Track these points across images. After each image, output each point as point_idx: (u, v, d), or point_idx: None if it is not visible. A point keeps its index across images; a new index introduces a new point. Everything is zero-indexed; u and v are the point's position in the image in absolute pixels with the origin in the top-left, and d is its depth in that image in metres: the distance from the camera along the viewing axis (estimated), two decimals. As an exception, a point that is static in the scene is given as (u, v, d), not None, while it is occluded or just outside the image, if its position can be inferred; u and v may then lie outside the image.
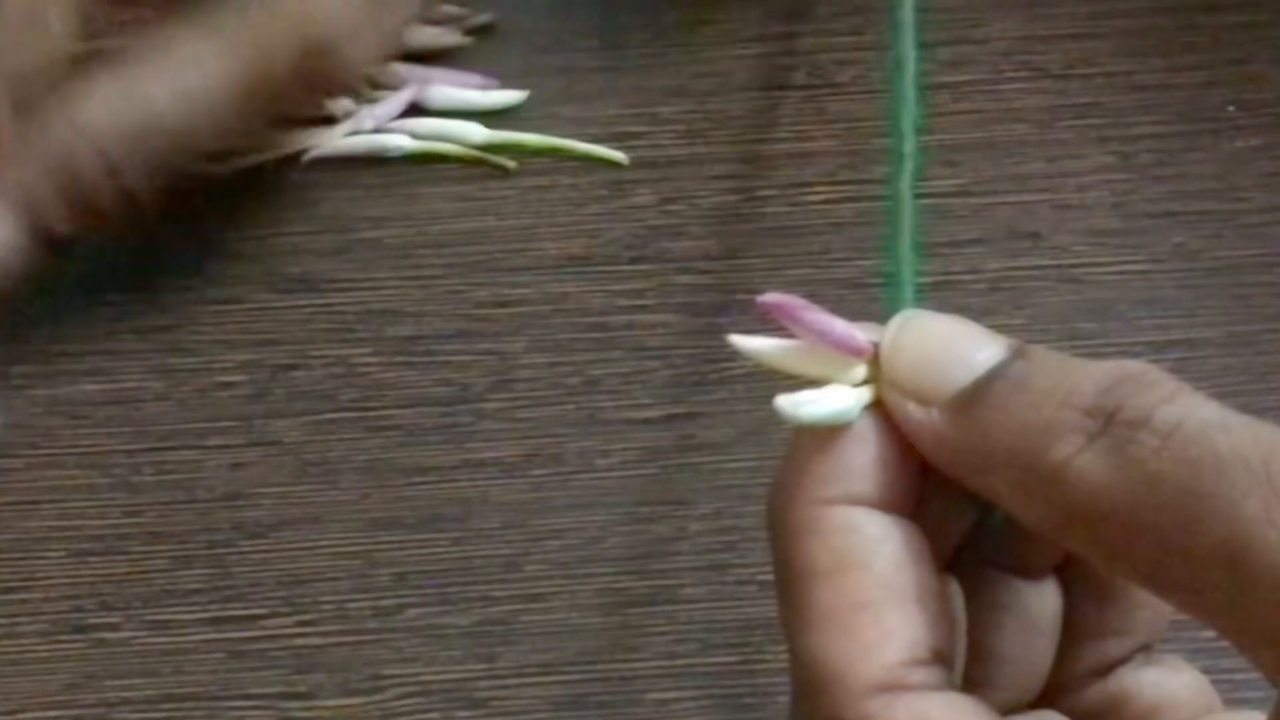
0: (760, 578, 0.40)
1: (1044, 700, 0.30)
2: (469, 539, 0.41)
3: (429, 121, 0.47)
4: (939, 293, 0.42)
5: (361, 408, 0.43)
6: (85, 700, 0.39)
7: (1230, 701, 0.30)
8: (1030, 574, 0.30)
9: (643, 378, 0.43)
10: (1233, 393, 0.41)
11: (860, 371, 0.28)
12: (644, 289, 0.44)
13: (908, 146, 0.31)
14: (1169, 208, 0.46)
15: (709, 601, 0.40)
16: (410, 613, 0.40)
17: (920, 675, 0.26)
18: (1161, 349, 0.43)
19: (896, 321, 0.28)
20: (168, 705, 0.39)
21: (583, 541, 0.41)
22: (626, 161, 0.46)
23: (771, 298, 0.28)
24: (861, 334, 0.28)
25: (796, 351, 0.29)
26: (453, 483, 0.42)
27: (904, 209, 0.31)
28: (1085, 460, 0.25)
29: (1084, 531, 0.25)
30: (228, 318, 0.44)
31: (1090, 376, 0.26)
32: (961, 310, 0.28)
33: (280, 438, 0.42)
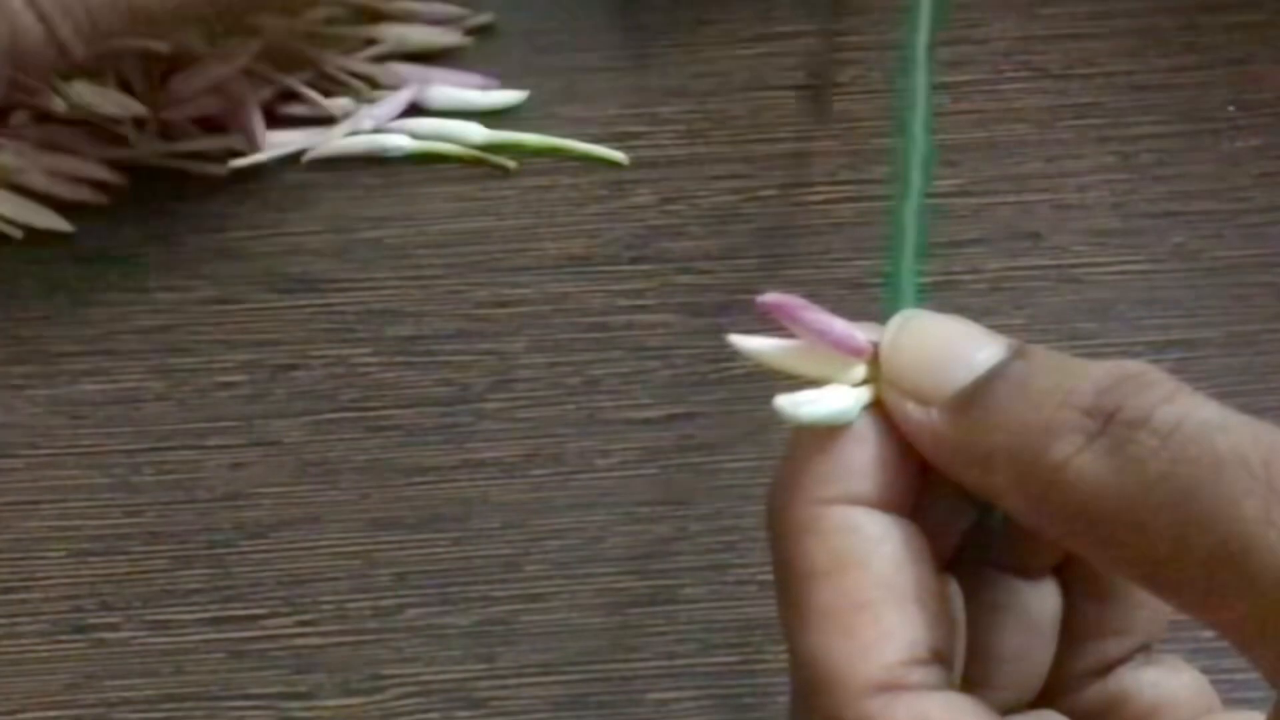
0: (760, 578, 0.40)
1: (1043, 700, 0.30)
2: (469, 539, 0.41)
3: (429, 121, 0.47)
4: (939, 293, 0.41)
5: (361, 408, 0.43)
6: (85, 700, 0.39)
7: (1230, 701, 0.30)
8: (1030, 574, 0.30)
9: (643, 378, 0.43)
10: (1233, 393, 0.41)
11: (860, 371, 0.28)
12: (644, 289, 0.44)
13: (919, 146, 0.31)
14: (1169, 208, 0.46)
15: (709, 601, 0.40)
16: (410, 613, 0.40)
17: (919, 675, 0.26)
18: (1161, 349, 0.43)
19: (896, 321, 0.28)
20: (168, 705, 0.39)
21: (583, 541, 0.41)
22: (626, 161, 0.46)
23: (771, 298, 0.28)
24: (861, 334, 0.28)
25: (796, 351, 0.29)
26: (453, 483, 0.42)
27: (910, 209, 0.31)
28: (1085, 460, 0.25)
29: (1083, 531, 0.25)
30: (228, 318, 0.44)
31: (1090, 376, 0.26)
32: (961, 310, 0.28)
33: (280, 438, 0.42)
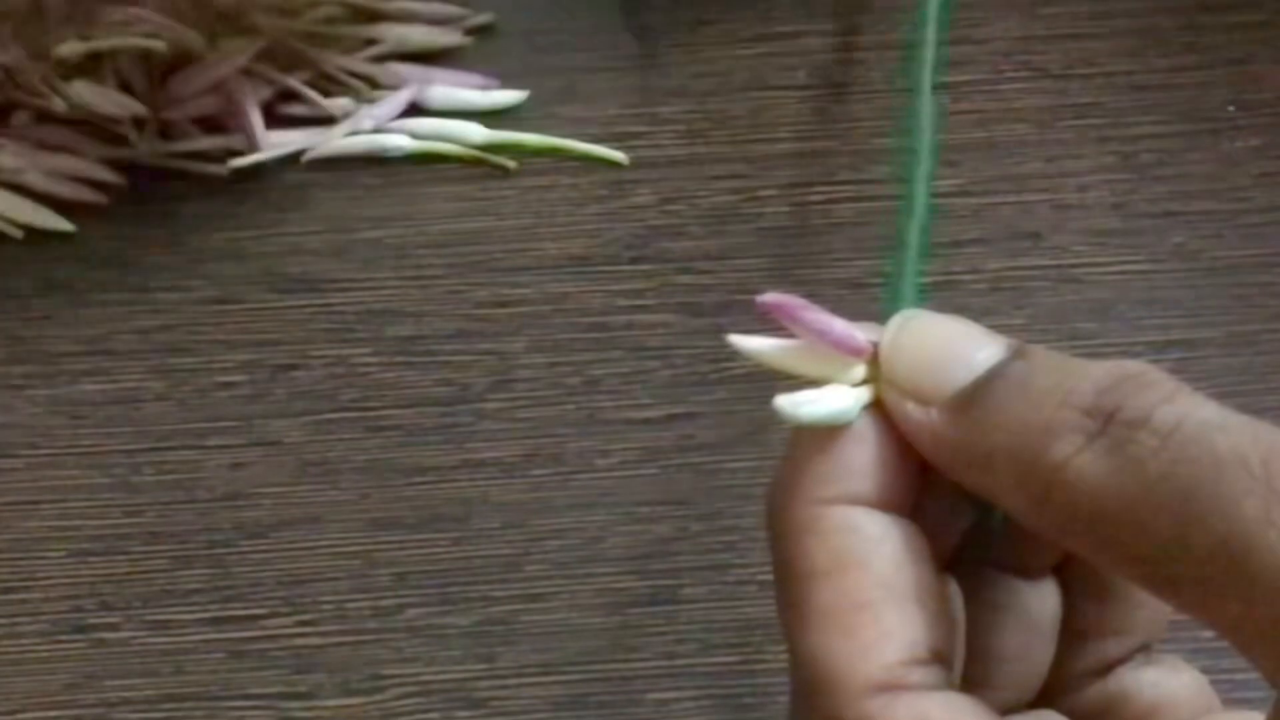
0: (760, 578, 0.40)
1: (1043, 700, 0.30)
2: (469, 539, 0.41)
3: (429, 121, 0.47)
4: (939, 293, 0.41)
5: (361, 408, 0.43)
6: (85, 700, 0.39)
7: (1230, 701, 0.30)
8: (1029, 574, 0.30)
9: (643, 378, 0.43)
10: (1233, 393, 0.41)
11: (860, 371, 0.28)
12: (644, 289, 0.44)
13: (924, 144, 0.31)
14: (1169, 208, 0.46)
15: (709, 601, 0.40)
16: (410, 613, 0.40)
17: (919, 675, 0.26)
18: (1161, 349, 0.43)
19: (896, 321, 0.28)
20: (168, 705, 0.39)
21: (583, 541, 0.41)
22: (626, 161, 0.46)
23: (771, 298, 0.28)
24: (861, 334, 0.28)
25: (796, 351, 0.29)
26: (453, 483, 0.42)
27: (916, 207, 0.31)
28: (1084, 460, 0.25)
29: (1083, 532, 0.25)
30: (228, 318, 0.44)
31: (1090, 376, 0.26)
32: (961, 310, 0.28)
33: (280, 438, 0.42)
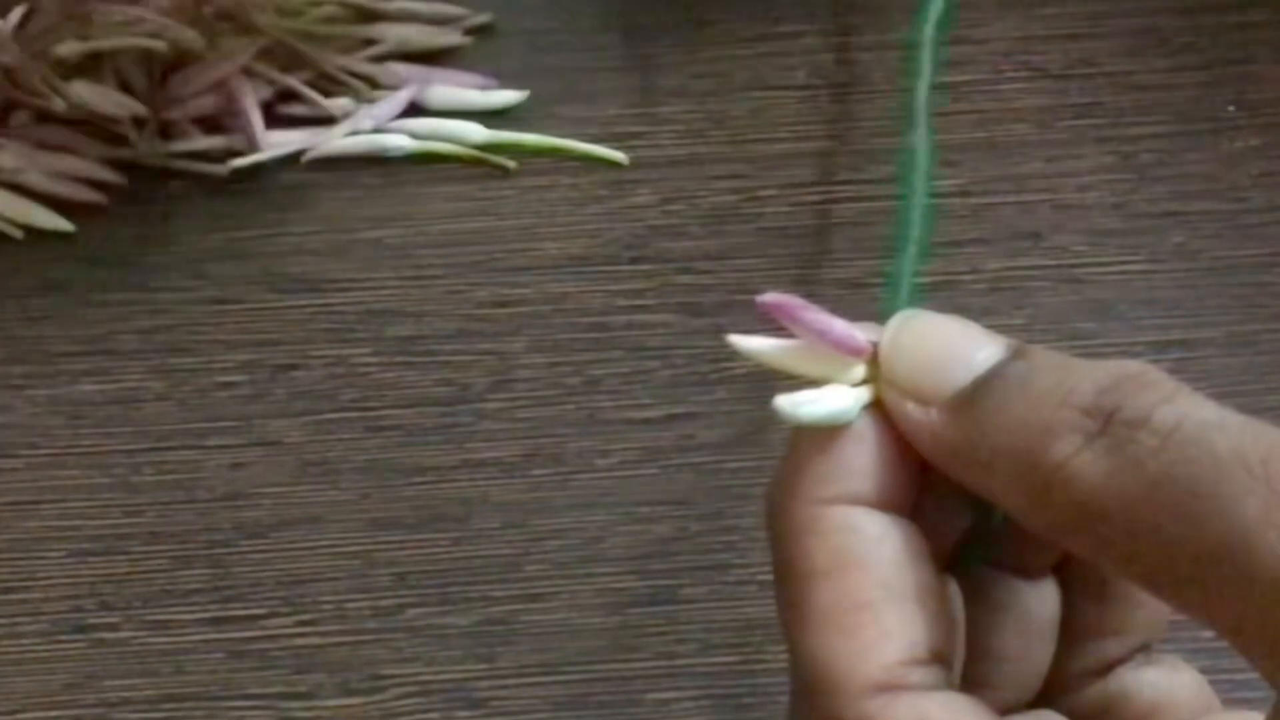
0: (760, 578, 0.40)
1: (1043, 700, 0.30)
2: (469, 539, 0.41)
3: (429, 121, 0.47)
4: (939, 293, 0.42)
5: (361, 408, 0.43)
6: (85, 700, 0.39)
7: (1230, 701, 0.30)
8: (1029, 574, 0.30)
9: (643, 378, 0.43)
10: (1233, 393, 0.41)
11: (859, 371, 0.28)
12: (644, 289, 0.44)
13: (922, 143, 0.31)
14: (1169, 208, 0.46)
15: (709, 601, 0.40)
16: (410, 613, 0.40)
17: (919, 675, 0.26)
18: (1161, 349, 0.43)
19: (896, 321, 0.28)
20: (168, 705, 0.39)
21: (583, 541, 0.41)
22: (626, 161, 0.46)
23: (771, 298, 0.28)
24: (861, 334, 0.28)
25: (796, 351, 0.29)
26: (453, 483, 0.42)
27: (914, 207, 0.31)
28: (1084, 460, 0.25)
29: (1083, 532, 0.25)
30: (228, 318, 0.44)
31: (1089, 376, 0.26)
32: (961, 310, 0.28)
33: (280, 438, 0.42)
